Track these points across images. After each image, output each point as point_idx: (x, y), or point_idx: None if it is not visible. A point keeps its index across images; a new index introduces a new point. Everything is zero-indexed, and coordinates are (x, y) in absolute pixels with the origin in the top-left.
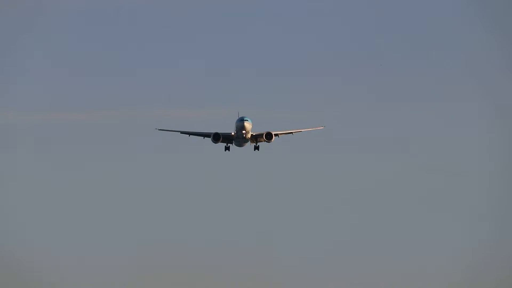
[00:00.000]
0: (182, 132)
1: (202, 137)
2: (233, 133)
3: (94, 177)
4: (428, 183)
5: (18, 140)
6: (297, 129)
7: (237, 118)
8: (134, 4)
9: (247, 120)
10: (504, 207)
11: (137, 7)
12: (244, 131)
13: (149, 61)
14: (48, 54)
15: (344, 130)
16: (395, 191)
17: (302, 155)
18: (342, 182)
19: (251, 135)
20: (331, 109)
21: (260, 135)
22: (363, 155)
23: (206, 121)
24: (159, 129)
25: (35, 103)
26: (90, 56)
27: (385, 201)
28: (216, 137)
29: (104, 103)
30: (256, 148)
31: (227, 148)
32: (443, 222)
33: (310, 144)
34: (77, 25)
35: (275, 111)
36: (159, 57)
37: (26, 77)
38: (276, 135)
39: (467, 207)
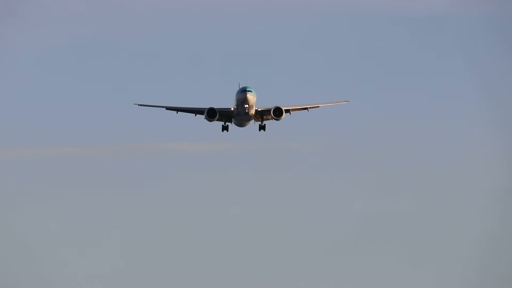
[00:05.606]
0: (167, 108)
1: (194, 114)
2: (232, 109)
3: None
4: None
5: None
6: (313, 104)
7: (238, 89)
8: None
9: (251, 91)
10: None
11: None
12: (246, 106)
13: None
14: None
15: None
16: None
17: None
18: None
19: (256, 110)
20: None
21: (267, 111)
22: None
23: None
24: (138, 104)
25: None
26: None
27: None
28: (211, 114)
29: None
30: (262, 128)
31: (225, 128)
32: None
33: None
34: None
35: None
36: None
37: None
38: (287, 111)
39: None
